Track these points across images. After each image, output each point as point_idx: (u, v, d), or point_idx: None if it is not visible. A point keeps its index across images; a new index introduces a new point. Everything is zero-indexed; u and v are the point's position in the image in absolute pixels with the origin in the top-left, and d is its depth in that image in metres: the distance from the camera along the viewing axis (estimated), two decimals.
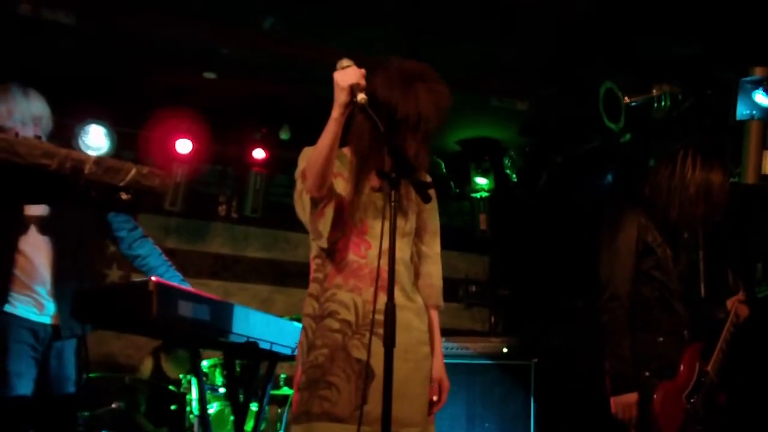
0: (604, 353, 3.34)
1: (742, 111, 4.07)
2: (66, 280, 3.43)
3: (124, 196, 1.66)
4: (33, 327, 3.39)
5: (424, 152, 2.62)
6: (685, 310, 3.37)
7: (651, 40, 4.44)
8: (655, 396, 3.22)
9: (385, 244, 2.32)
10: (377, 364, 2.38)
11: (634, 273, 3.34)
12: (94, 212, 3.62)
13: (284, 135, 5.93)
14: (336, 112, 2.41)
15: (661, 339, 3.30)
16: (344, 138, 2.53)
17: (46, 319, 3.42)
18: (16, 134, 3.26)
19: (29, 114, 3.45)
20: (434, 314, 2.77)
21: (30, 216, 3.44)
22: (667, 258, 3.36)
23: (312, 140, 2.53)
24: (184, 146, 5.75)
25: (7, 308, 3.37)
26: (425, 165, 2.63)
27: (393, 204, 2.29)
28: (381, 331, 2.30)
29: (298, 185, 2.60)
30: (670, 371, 3.28)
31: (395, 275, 2.31)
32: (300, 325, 2.68)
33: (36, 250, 3.44)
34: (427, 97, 2.53)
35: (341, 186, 2.61)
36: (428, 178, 2.66)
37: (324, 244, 2.59)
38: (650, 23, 4.27)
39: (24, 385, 3.34)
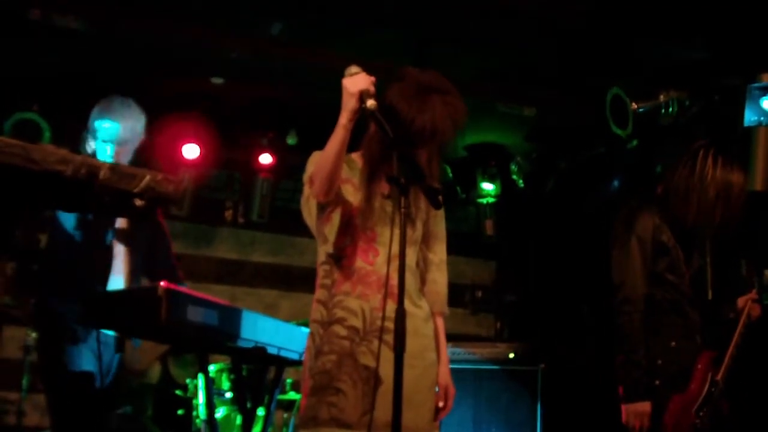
0: (614, 358, 3.20)
1: (749, 117, 4.06)
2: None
3: (138, 203, 1.67)
4: (102, 338, 3.44)
5: (437, 163, 2.62)
6: (696, 315, 3.23)
7: (658, 45, 4.44)
8: (667, 410, 3.10)
9: (394, 251, 2.31)
10: (385, 370, 2.39)
11: (648, 275, 3.18)
12: (162, 231, 3.78)
13: (291, 140, 5.93)
14: (344, 118, 2.40)
15: (674, 344, 3.16)
16: (352, 143, 2.53)
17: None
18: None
19: (141, 130, 3.66)
20: (440, 321, 2.76)
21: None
22: (680, 260, 3.22)
23: (319, 145, 2.53)
24: (191, 151, 5.76)
25: None
26: (437, 175, 2.62)
27: (402, 210, 2.28)
28: (388, 337, 2.31)
29: (306, 190, 2.61)
30: (681, 380, 3.15)
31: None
32: (307, 330, 2.69)
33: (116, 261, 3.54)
34: (444, 111, 2.52)
35: (350, 192, 2.61)
36: (438, 186, 2.65)
37: (330, 249, 2.59)
38: (658, 29, 4.27)
39: (81, 384, 3.41)
